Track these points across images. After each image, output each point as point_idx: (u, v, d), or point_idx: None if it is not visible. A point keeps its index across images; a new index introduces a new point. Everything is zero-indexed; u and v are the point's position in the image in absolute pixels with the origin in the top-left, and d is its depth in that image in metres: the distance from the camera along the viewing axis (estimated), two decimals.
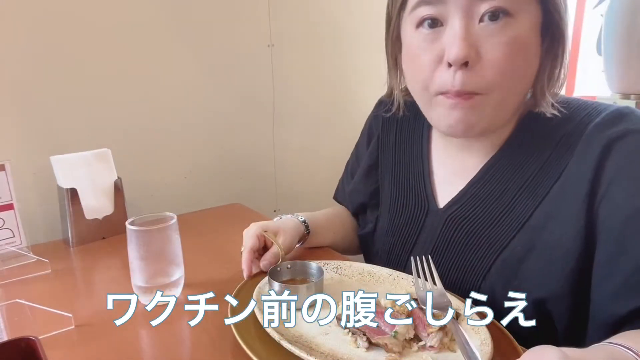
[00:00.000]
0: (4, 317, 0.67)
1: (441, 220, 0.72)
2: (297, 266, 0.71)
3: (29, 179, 1.03)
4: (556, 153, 0.61)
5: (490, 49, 0.55)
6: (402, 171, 0.80)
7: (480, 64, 0.55)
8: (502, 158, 0.67)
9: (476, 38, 0.55)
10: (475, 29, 0.55)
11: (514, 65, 0.56)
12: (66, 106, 1.06)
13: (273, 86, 1.36)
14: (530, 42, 0.56)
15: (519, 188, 0.63)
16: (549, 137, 0.62)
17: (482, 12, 0.54)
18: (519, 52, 0.55)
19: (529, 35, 0.56)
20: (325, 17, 1.42)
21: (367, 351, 0.54)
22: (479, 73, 0.56)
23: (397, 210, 0.79)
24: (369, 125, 0.92)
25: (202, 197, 1.27)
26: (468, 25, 0.55)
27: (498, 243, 0.64)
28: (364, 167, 0.88)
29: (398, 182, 0.80)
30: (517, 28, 0.55)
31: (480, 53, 0.55)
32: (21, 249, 0.90)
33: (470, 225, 0.68)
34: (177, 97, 1.21)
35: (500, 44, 0.54)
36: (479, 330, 0.56)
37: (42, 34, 1.01)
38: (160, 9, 1.14)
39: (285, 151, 1.43)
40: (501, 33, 0.54)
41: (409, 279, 0.70)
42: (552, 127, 0.63)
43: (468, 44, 0.54)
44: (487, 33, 0.55)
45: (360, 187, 0.88)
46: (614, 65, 1.36)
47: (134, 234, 0.68)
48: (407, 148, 0.81)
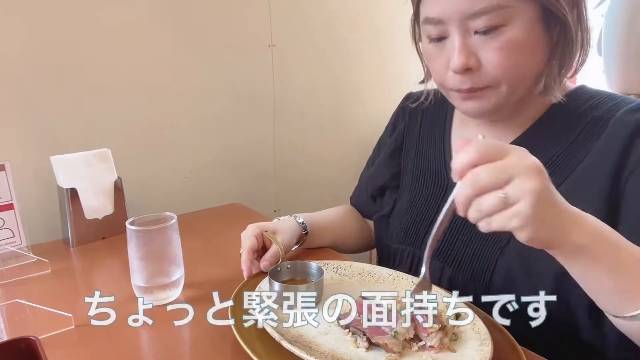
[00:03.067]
0: (4, 317, 0.67)
1: None
2: (297, 266, 0.71)
3: (29, 179, 1.03)
4: (584, 134, 0.64)
5: (487, 55, 0.61)
6: (425, 154, 0.84)
7: (483, 67, 0.62)
8: (528, 137, 0.69)
9: (474, 47, 0.61)
10: (472, 40, 0.61)
11: (513, 62, 0.61)
12: (66, 106, 1.06)
13: (273, 86, 1.36)
14: (527, 39, 0.60)
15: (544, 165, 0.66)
16: (577, 121, 0.66)
17: (477, 28, 0.60)
18: (515, 51, 0.60)
19: (524, 34, 0.60)
20: (325, 18, 1.42)
21: (367, 351, 0.54)
22: (483, 74, 0.62)
23: (418, 189, 0.81)
24: (394, 117, 0.95)
25: (202, 197, 1.27)
26: (465, 38, 0.61)
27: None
28: (388, 151, 0.90)
29: (420, 163, 0.83)
30: (510, 32, 0.59)
31: (480, 59, 0.62)
32: (21, 249, 0.90)
33: None
34: (178, 97, 1.21)
35: (495, 49, 0.60)
36: (479, 330, 0.56)
37: (42, 34, 1.01)
38: (160, 9, 1.14)
39: (285, 151, 1.43)
40: (495, 40, 0.60)
41: (409, 278, 0.70)
42: (582, 112, 0.66)
43: (466, 55, 0.61)
44: (482, 42, 0.61)
45: (382, 169, 0.91)
46: (614, 65, 1.36)
47: (134, 234, 0.68)
48: (431, 133, 0.84)
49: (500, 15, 0.58)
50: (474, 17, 0.59)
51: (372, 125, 1.48)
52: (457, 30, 0.61)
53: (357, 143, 1.53)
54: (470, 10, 0.59)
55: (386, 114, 0.97)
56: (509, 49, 0.60)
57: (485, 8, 0.58)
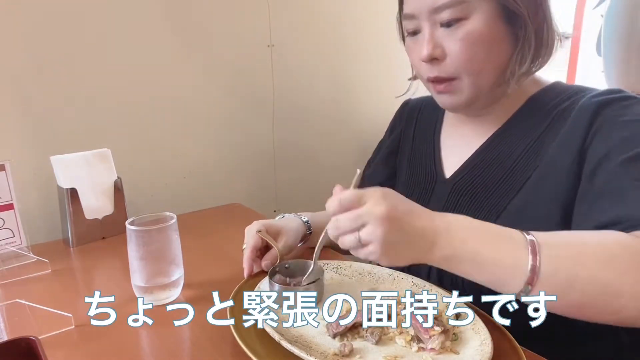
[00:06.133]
0: (4, 317, 0.67)
1: (448, 188, 0.77)
2: (297, 266, 0.71)
3: (29, 179, 1.03)
4: (554, 122, 0.69)
5: (451, 46, 0.67)
6: (418, 153, 0.88)
7: (448, 57, 0.68)
8: (506, 129, 0.75)
9: (440, 39, 0.68)
10: (439, 33, 0.68)
11: (472, 54, 0.67)
12: (66, 106, 1.06)
13: (273, 86, 1.36)
14: (486, 33, 0.66)
15: (520, 154, 0.71)
16: (550, 111, 0.71)
17: (441, 21, 0.67)
18: (475, 43, 0.66)
19: (483, 28, 0.66)
20: (325, 17, 1.42)
21: (375, 344, 0.55)
22: (447, 64, 0.69)
23: (410, 186, 0.86)
24: (392, 123, 0.99)
25: (202, 197, 1.27)
26: (432, 32, 0.68)
27: (500, 204, 0.70)
28: (385, 152, 0.95)
29: (414, 162, 0.88)
30: (471, 25, 0.66)
31: (445, 50, 0.68)
32: (21, 249, 0.90)
33: (474, 190, 0.74)
34: (177, 97, 1.21)
35: (457, 40, 0.67)
36: (479, 330, 0.56)
37: (42, 34, 1.01)
38: (160, 9, 1.14)
39: (285, 151, 1.43)
40: (457, 32, 0.67)
41: (408, 279, 0.70)
42: (554, 104, 0.71)
43: (433, 46, 0.68)
44: (447, 34, 0.68)
45: (380, 169, 0.95)
46: (614, 66, 1.36)
47: (133, 234, 0.68)
48: (423, 135, 0.89)
49: (461, 9, 0.65)
50: (438, 10, 0.66)
51: (372, 124, 1.48)
52: (426, 24, 0.68)
53: (356, 143, 1.53)
54: (435, 5, 0.66)
55: (386, 113, 0.97)
56: (469, 41, 0.66)
57: (447, 3, 0.65)
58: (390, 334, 0.57)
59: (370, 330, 0.57)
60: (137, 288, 0.71)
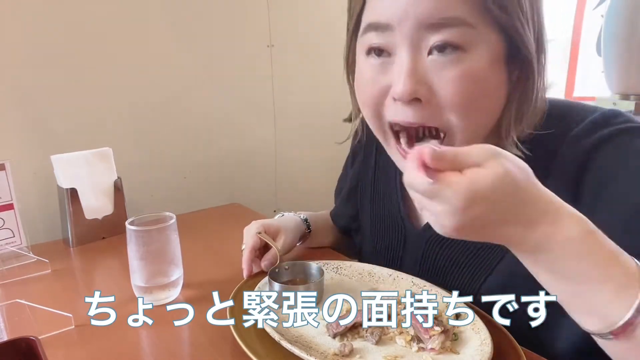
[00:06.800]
0: (4, 317, 0.67)
1: (421, 242, 0.70)
2: (297, 267, 0.71)
3: (29, 179, 1.03)
4: (540, 172, 0.56)
5: (442, 85, 0.50)
6: (380, 195, 0.78)
7: (436, 100, 0.51)
8: None
9: (425, 73, 0.50)
10: (425, 63, 0.50)
11: (471, 101, 0.50)
12: (66, 106, 1.06)
13: (273, 86, 1.36)
14: (488, 76, 0.51)
15: None
16: (534, 158, 0.55)
17: (430, 45, 0.49)
18: (475, 87, 0.50)
19: (486, 69, 0.50)
20: (325, 17, 1.42)
21: (375, 344, 0.55)
22: (433, 108, 0.51)
23: (378, 235, 0.78)
24: (352, 149, 0.86)
25: (202, 197, 1.27)
26: (416, 58, 0.50)
27: (484, 268, 0.63)
28: (346, 190, 0.86)
29: (376, 207, 0.79)
30: (471, 62, 0.49)
31: (432, 89, 0.50)
32: (21, 249, 0.90)
33: (452, 249, 0.66)
34: (177, 97, 1.21)
35: (452, 79, 0.49)
36: (479, 330, 0.56)
37: (42, 34, 1.01)
38: (160, 9, 1.14)
39: (285, 151, 1.42)
40: (452, 67, 0.49)
41: (408, 279, 0.70)
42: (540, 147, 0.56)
43: (415, 80, 0.50)
44: (436, 67, 0.50)
45: (343, 211, 0.88)
46: (613, 66, 1.37)
47: (133, 234, 0.68)
48: (385, 171, 0.78)
49: (463, 34, 0.48)
50: (432, 28, 0.48)
51: None
52: (407, 46, 0.50)
53: None
54: (430, 19, 0.48)
55: None
56: (467, 82, 0.49)
57: (447, 19, 0.48)
58: (390, 334, 0.57)
59: (370, 330, 0.57)
60: (137, 288, 0.71)
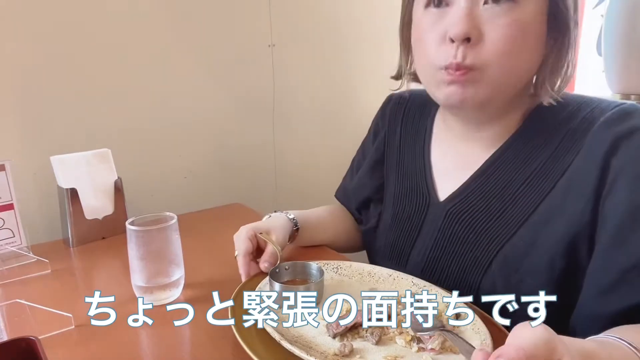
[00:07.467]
0: (4, 317, 0.67)
1: (442, 213, 0.72)
2: (297, 267, 0.71)
3: (29, 179, 1.03)
4: (561, 148, 0.62)
5: (491, 30, 0.57)
6: (406, 166, 0.82)
7: (483, 42, 0.58)
8: (507, 151, 0.67)
9: (479, 18, 0.58)
10: (480, 10, 0.58)
11: (513, 46, 0.58)
12: (66, 106, 1.06)
13: (273, 86, 1.36)
14: (532, 29, 0.58)
15: (523, 182, 0.64)
16: (555, 132, 0.64)
17: None
18: (519, 35, 0.58)
19: (531, 22, 0.58)
20: (326, 17, 1.42)
21: (375, 345, 0.55)
22: (479, 50, 0.58)
23: (400, 204, 0.80)
24: (375, 122, 0.93)
25: (202, 197, 1.27)
26: (472, 5, 0.58)
27: (500, 237, 0.65)
28: (370, 162, 0.89)
29: (402, 177, 0.82)
30: (520, 12, 0.57)
31: (482, 33, 0.58)
32: (21, 249, 0.90)
33: (471, 218, 0.68)
34: (178, 97, 1.21)
35: (501, 25, 0.57)
36: (479, 330, 0.56)
37: (41, 34, 1.01)
38: (160, 9, 1.14)
39: (285, 151, 1.42)
40: (503, 15, 0.57)
41: (408, 279, 0.70)
42: (559, 122, 0.64)
43: (470, 22, 0.57)
44: (489, 14, 0.57)
45: (366, 181, 0.89)
46: (614, 66, 1.37)
47: (134, 234, 0.68)
48: (411, 143, 0.82)
49: None
50: None
51: None
52: None
53: (357, 143, 1.52)
54: None
55: None
56: (513, 29, 0.57)
57: None
58: (390, 334, 0.57)
59: (370, 330, 0.57)
60: (137, 288, 0.71)
